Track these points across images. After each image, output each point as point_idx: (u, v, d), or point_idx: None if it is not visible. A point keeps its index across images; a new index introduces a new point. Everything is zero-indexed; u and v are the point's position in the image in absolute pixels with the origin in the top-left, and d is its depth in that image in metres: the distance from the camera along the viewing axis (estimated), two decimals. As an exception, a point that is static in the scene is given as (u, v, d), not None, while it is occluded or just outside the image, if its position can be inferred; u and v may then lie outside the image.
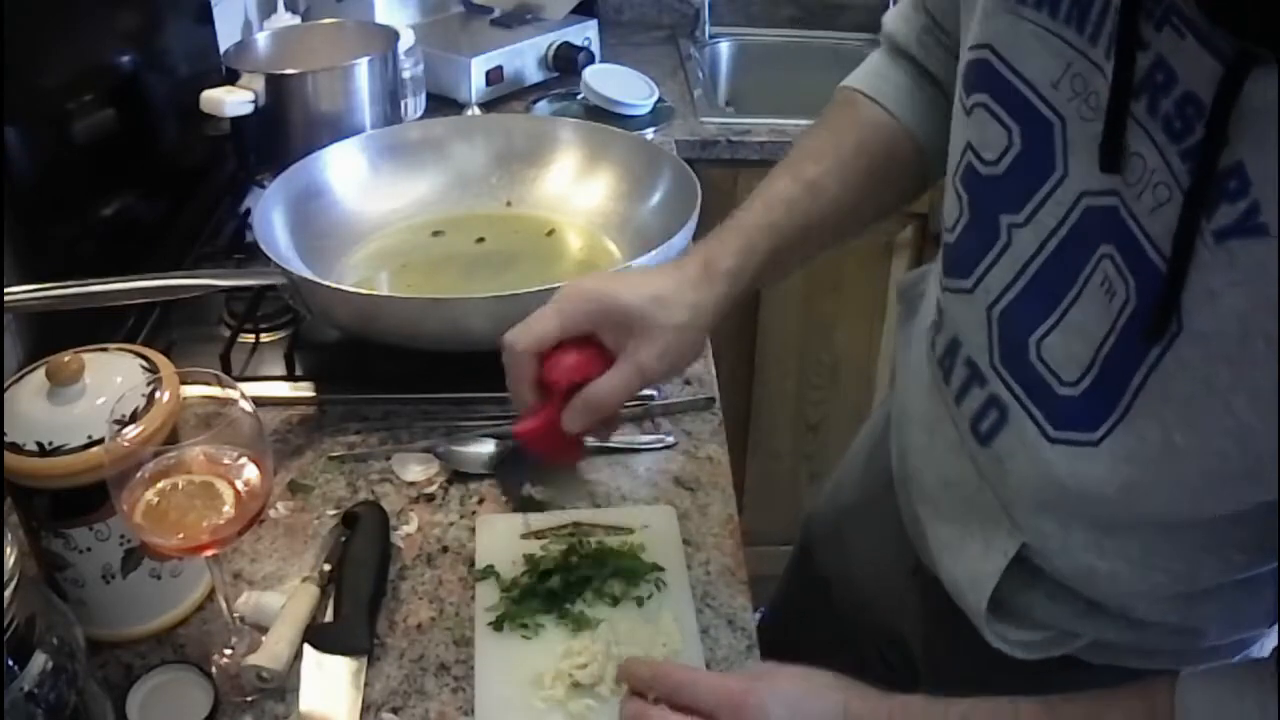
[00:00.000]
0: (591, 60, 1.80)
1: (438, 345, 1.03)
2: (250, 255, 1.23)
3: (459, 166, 1.34)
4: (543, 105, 1.77)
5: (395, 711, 0.75)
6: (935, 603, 0.78)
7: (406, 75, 1.56)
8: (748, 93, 2.14)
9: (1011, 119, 0.64)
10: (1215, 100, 0.49)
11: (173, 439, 0.74)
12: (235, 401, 0.72)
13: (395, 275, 1.21)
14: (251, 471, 0.72)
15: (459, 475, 0.96)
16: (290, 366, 1.09)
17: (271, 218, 1.15)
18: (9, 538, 0.58)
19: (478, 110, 1.71)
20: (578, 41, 1.81)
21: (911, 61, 0.85)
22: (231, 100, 1.29)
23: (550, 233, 1.28)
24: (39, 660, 0.60)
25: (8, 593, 0.57)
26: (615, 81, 1.75)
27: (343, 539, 0.85)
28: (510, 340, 0.75)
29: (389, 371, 1.07)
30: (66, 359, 0.73)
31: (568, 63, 1.78)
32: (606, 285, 0.76)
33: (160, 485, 0.70)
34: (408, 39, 1.55)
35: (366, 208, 1.28)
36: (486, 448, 0.98)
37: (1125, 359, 0.56)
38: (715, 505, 0.93)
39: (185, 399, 0.75)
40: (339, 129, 1.34)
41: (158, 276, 1.02)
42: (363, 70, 1.37)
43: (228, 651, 0.78)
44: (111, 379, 0.75)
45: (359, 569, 0.82)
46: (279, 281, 1.04)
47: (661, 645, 0.78)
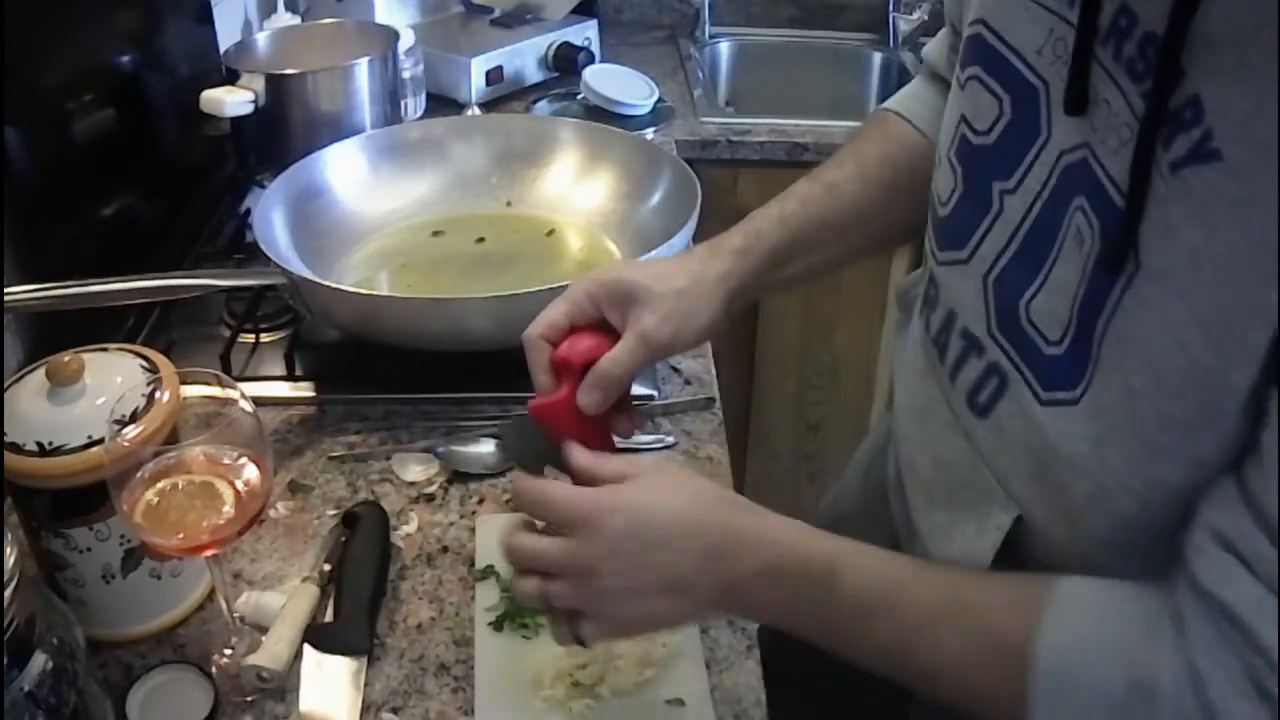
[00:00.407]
0: (591, 60, 1.80)
1: (438, 345, 1.03)
2: (250, 255, 1.23)
3: (459, 166, 1.34)
4: (543, 105, 1.77)
5: (395, 711, 0.75)
6: None
7: (406, 75, 1.56)
8: (748, 93, 2.14)
9: (1002, 88, 0.65)
10: (1168, 29, 0.50)
11: (173, 439, 0.74)
12: (235, 401, 0.72)
13: (395, 275, 1.21)
14: (251, 471, 0.72)
15: (459, 475, 0.96)
16: (290, 366, 1.09)
17: (271, 218, 1.15)
18: (9, 538, 0.58)
19: (478, 110, 1.71)
20: (578, 41, 1.81)
21: (943, 82, 0.86)
22: (231, 100, 1.29)
23: (550, 233, 1.28)
24: (39, 660, 0.60)
25: (8, 593, 0.57)
26: (615, 81, 1.75)
27: (343, 539, 0.86)
28: (525, 331, 0.76)
29: (389, 371, 1.07)
30: (66, 359, 0.73)
31: (568, 63, 1.78)
32: (610, 270, 0.78)
33: (160, 485, 0.70)
34: (408, 39, 1.55)
35: (366, 208, 1.28)
36: (486, 448, 0.98)
37: (1093, 306, 0.57)
38: (715, 505, 0.93)
39: (185, 399, 0.75)
40: (339, 129, 1.34)
41: (158, 276, 1.02)
42: (363, 70, 1.37)
43: (228, 651, 0.78)
44: (111, 379, 0.75)
45: (359, 569, 0.83)
46: (279, 281, 1.04)
47: (661, 645, 0.78)
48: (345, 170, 1.28)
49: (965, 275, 0.68)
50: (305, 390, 1.07)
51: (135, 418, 0.72)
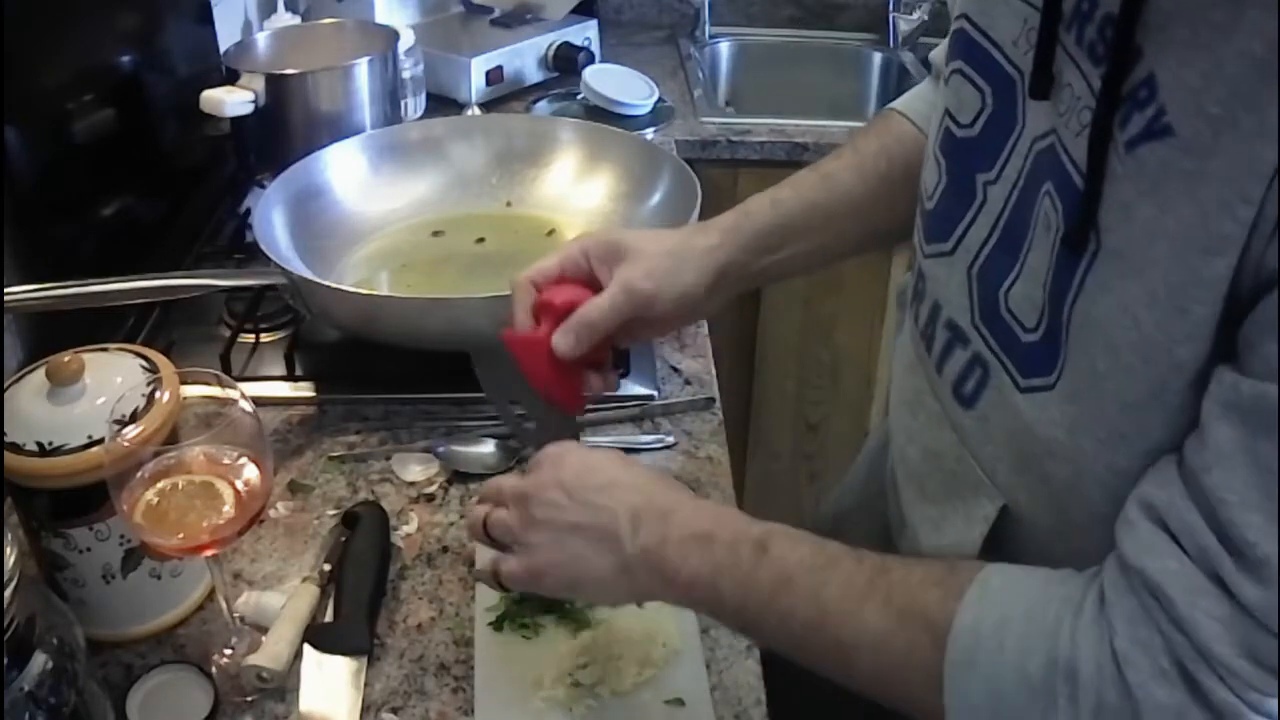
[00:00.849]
0: (591, 60, 1.80)
1: (438, 345, 1.02)
2: (250, 255, 1.23)
3: (459, 166, 1.34)
4: (543, 105, 1.77)
5: (395, 711, 0.75)
6: None
7: (406, 75, 1.56)
8: (748, 93, 2.14)
9: (984, 80, 0.66)
10: (1122, 6, 0.51)
11: (173, 439, 0.74)
12: (235, 401, 0.72)
13: (395, 275, 1.21)
14: (251, 471, 0.72)
15: (459, 475, 0.96)
16: (290, 366, 1.09)
17: (271, 218, 1.15)
18: (9, 538, 0.58)
19: (478, 110, 1.71)
20: (578, 41, 1.81)
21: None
22: (231, 100, 1.29)
23: (550, 233, 1.28)
24: (39, 660, 0.60)
25: (8, 593, 0.57)
26: (615, 81, 1.75)
27: (343, 539, 0.86)
28: (514, 278, 0.80)
29: (389, 371, 1.07)
30: (66, 359, 0.73)
31: (568, 63, 1.78)
32: (603, 230, 0.84)
33: (160, 485, 0.70)
34: (408, 39, 1.55)
35: (366, 208, 1.28)
36: (486, 448, 0.98)
37: (1060, 290, 0.57)
38: (715, 505, 0.93)
39: (185, 399, 0.75)
40: (339, 129, 1.34)
41: (158, 276, 1.02)
42: (363, 70, 1.37)
43: (228, 651, 0.78)
44: (111, 379, 0.75)
45: (359, 569, 0.83)
46: (279, 281, 1.04)
47: (661, 645, 0.78)
48: (345, 170, 1.28)
49: (950, 267, 0.69)
50: (305, 390, 1.07)
51: (135, 418, 0.72)
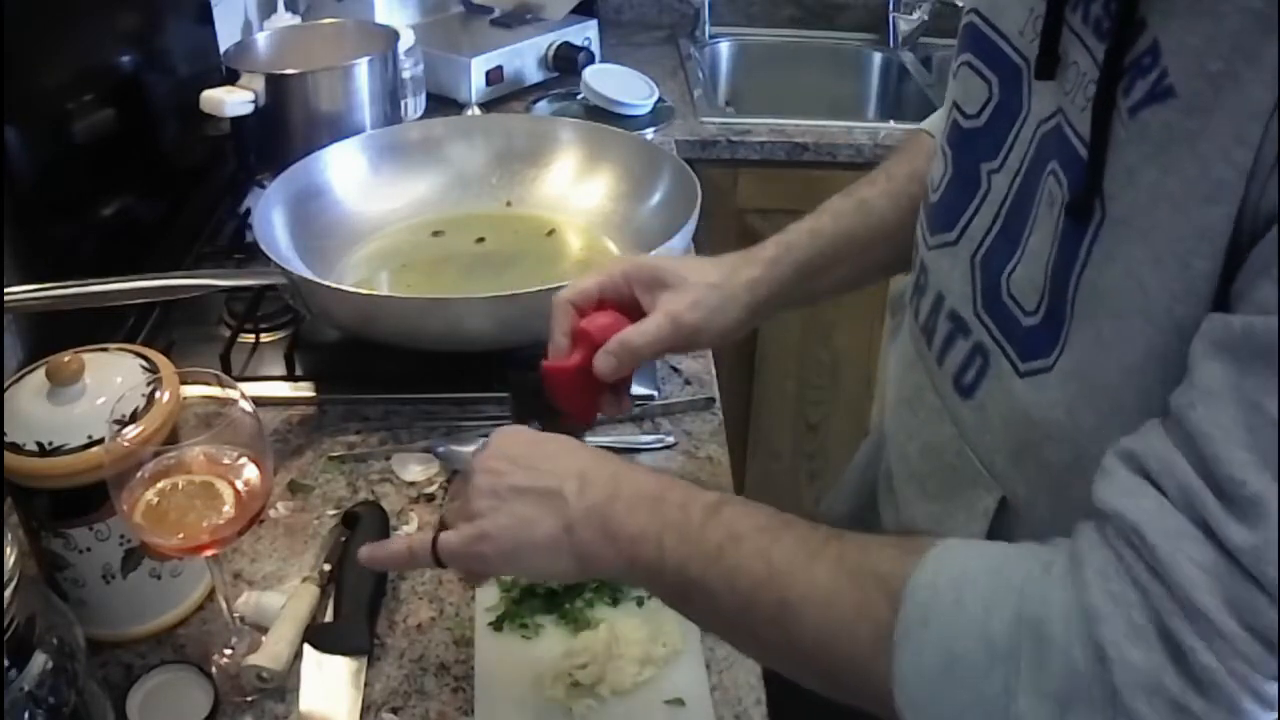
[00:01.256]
0: (591, 60, 1.80)
1: (438, 345, 1.03)
2: (250, 255, 1.23)
3: (459, 166, 1.34)
4: (543, 105, 1.77)
5: (395, 711, 0.75)
6: None
7: (406, 75, 1.56)
8: (748, 93, 2.14)
9: (991, 71, 0.67)
10: None
11: (173, 439, 0.74)
12: (235, 401, 0.72)
13: (395, 275, 1.21)
14: (251, 471, 0.72)
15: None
16: (290, 366, 1.09)
17: (271, 218, 1.15)
18: (9, 538, 0.58)
19: (478, 110, 1.71)
20: (578, 41, 1.81)
21: None
22: (231, 100, 1.29)
23: (550, 233, 1.28)
24: (39, 660, 0.60)
25: (8, 593, 0.57)
26: (615, 81, 1.75)
27: (343, 539, 0.85)
28: (557, 295, 0.80)
29: (389, 371, 1.07)
30: (66, 359, 0.73)
31: (568, 63, 1.78)
32: (645, 256, 0.84)
33: (160, 485, 0.70)
34: (408, 39, 1.55)
35: (366, 208, 1.28)
36: (486, 448, 0.98)
37: (1065, 264, 0.57)
38: (715, 505, 0.93)
39: (185, 399, 0.75)
40: (339, 129, 1.34)
41: (158, 276, 1.02)
42: (363, 70, 1.37)
43: (228, 651, 0.78)
44: (111, 379, 0.75)
45: (359, 569, 0.82)
46: (279, 281, 1.04)
47: (661, 645, 0.78)
48: (345, 170, 1.28)
49: (954, 257, 0.69)
50: (305, 390, 1.07)
51: (135, 418, 0.72)
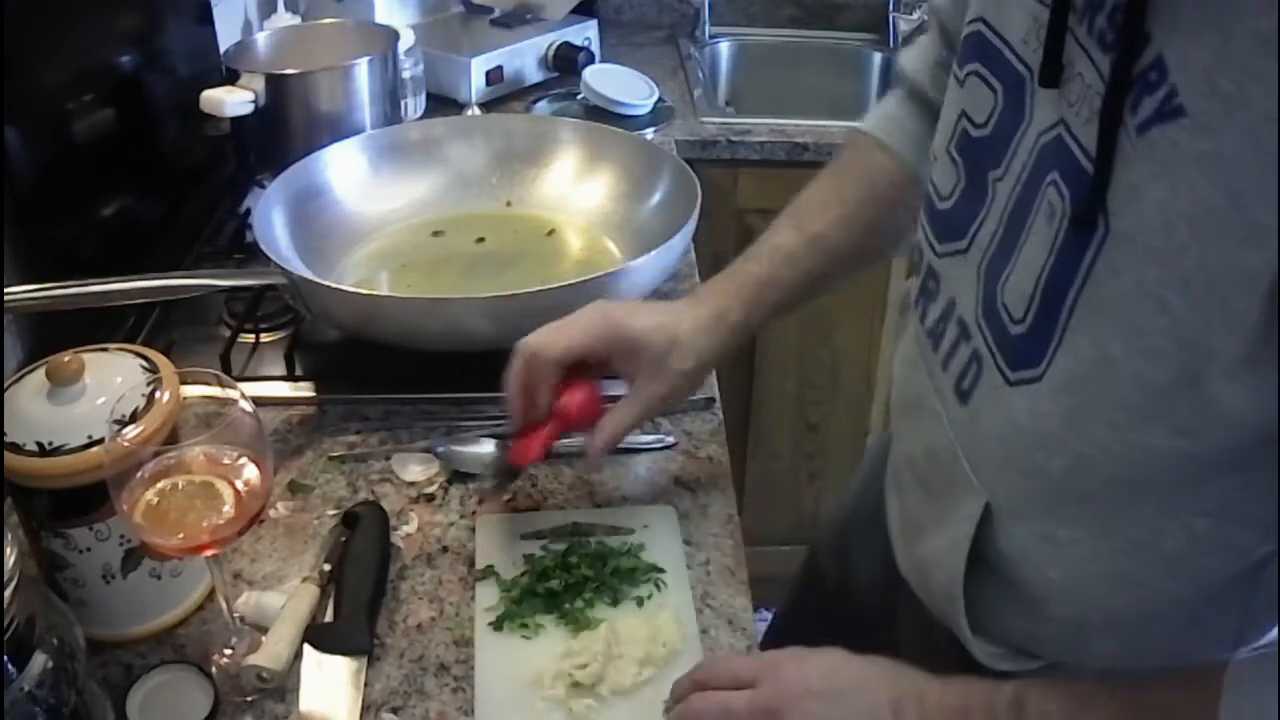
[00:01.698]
0: (591, 60, 1.80)
1: (438, 345, 1.03)
2: (250, 255, 1.23)
3: (459, 166, 1.34)
4: (543, 105, 1.77)
5: (395, 711, 0.75)
6: (914, 618, 0.78)
7: (406, 75, 1.56)
8: (748, 93, 2.14)
9: (997, 80, 0.67)
10: None
11: (173, 439, 0.74)
12: (235, 401, 0.72)
13: (395, 275, 1.21)
14: (251, 471, 0.72)
15: (459, 475, 0.96)
16: (290, 366, 1.09)
17: (271, 218, 1.15)
18: (9, 538, 0.58)
19: (478, 110, 1.71)
20: (578, 41, 1.81)
21: (925, 105, 0.86)
22: (231, 100, 1.29)
23: (550, 233, 1.28)
24: (39, 660, 0.60)
25: (8, 593, 0.57)
26: (615, 81, 1.75)
27: (343, 539, 0.85)
28: (536, 346, 0.82)
29: (389, 371, 1.07)
30: (66, 359, 0.73)
31: (568, 63, 1.78)
32: (628, 314, 0.85)
33: (160, 485, 0.70)
34: (408, 39, 1.55)
35: (366, 208, 1.28)
36: (486, 448, 0.97)
37: (1062, 278, 0.57)
38: (715, 505, 0.93)
39: (185, 399, 0.75)
40: (339, 129, 1.34)
41: (158, 276, 1.02)
42: (363, 70, 1.37)
43: (228, 651, 0.78)
44: (111, 379, 0.75)
45: (359, 569, 0.83)
46: (279, 281, 1.04)
47: (661, 645, 0.78)
48: (345, 170, 1.28)
49: (964, 265, 0.69)
50: (305, 390, 1.07)
51: (135, 418, 0.72)
